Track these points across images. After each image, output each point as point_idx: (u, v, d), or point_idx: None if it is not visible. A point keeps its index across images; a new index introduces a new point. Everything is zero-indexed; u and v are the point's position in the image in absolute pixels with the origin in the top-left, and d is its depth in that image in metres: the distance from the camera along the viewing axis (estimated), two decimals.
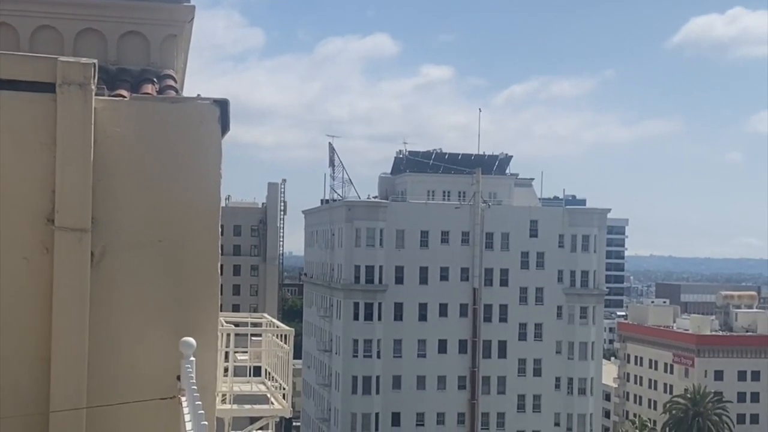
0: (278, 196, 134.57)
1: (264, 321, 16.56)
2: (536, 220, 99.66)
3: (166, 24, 12.15)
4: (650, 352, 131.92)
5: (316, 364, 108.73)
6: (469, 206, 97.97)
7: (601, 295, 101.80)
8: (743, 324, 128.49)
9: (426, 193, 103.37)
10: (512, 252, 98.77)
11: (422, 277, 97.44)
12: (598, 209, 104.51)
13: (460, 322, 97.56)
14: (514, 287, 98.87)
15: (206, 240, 9.38)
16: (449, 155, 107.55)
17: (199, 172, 9.32)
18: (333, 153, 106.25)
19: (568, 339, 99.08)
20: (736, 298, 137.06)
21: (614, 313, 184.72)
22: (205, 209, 9.33)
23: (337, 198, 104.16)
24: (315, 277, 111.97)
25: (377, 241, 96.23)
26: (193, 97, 9.63)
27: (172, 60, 12.22)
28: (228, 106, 9.41)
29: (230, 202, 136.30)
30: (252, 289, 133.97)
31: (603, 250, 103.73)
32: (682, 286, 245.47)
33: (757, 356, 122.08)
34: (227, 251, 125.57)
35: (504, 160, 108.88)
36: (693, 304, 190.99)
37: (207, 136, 9.34)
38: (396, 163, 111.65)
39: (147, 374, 9.18)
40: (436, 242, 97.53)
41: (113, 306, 9.14)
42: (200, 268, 9.36)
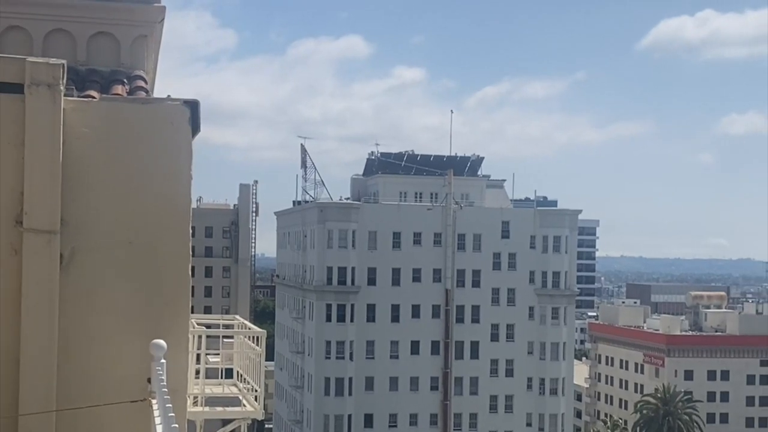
0: (250, 198, 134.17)
1: (236, 323, 16.51)
2: (508, 221, 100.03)
3: (137, 25, 12.10)
4: (621, 352, 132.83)
5: (288, 366, 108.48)
6: (441, 207, 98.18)
7: (572, 295, 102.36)
8: (713, 324, 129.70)
9: (398, 194, 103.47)
10: (484, 253, 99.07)
11: (395, 279, 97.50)
12: (569, 210, 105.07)
13: (433, 323, 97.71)
14: (486, 288, 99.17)
15: (177, 241, 9.35)
16: (421, 157, 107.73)
17: (169, 173, 9.29)
18: (305, 154, 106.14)
19: (539, 339, 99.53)
20: (706, 299, 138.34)
21: (585, 313, 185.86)
22: (175, 210, 9.31)
23: (309, 199, 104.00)
24: (287, 279, 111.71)
25: (349, 243, 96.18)
26: (164, 98, 9.60)
27: (143, 61, 12.17)
28: (198, 107, 9.39)
29: (202, 204, 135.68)
30: (224, 291, 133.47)
31: (574, 250, 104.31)
32: (652, 286, 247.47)
33: (727, 356, 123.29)
34: (199, 253, 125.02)
35: (476, 161, 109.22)
36: (663, 305, 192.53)
37: (177, 137, 9.32)
38: (368, 165, 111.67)
39: (117, 377, 9.13)
40: (408, 244, 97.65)
41: (83, 308, 9.08)
42: (171, 269, 9.33)
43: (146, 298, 9.27)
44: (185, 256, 9.42)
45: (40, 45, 11.86)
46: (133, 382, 9.04)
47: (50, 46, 11.83)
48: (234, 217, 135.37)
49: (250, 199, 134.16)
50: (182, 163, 9.35)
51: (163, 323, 9.25)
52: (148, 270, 9.24)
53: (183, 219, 9.36)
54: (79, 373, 9.05)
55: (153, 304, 9.28)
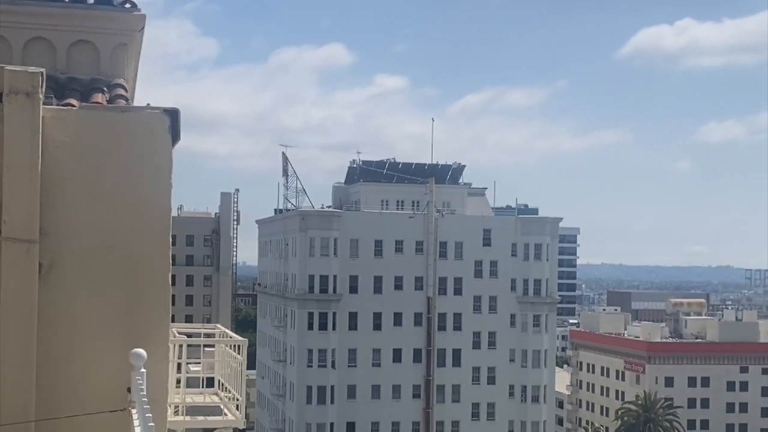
0: (231, 206, 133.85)
1: (217, 331, 16.46)
2: (489, 229, 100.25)
3: (117, 33, 12.06)
4: (602, 359, 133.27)
5: (270, 375, 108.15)
6: (423, 215, 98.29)
7: (553, 303, 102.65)
8: (693, 331, 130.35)
9: (380, 202, 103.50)
10: (466, 261, 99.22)
11: (376, 287, 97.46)
12: (550, 218, 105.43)
13: (415, 331, 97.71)
14: (467, 296, 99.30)
15: (157, 250, 9.32)
16: (403, 165, 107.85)
17: (149, 181, 9.27)
18: (286, 162, 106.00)
19: (521, 347, 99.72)
20: (686, 306, 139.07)
21: (566, 321, 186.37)
22: (155, 219, 9.28)
23: (291, 207, 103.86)
24: (269, 287, 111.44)
25: (331, 251, 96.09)
26: (143, 107, 9.58)
27: (123, 69, 12.14)
28: (178, 116, 9.38)
29: (182, 212, 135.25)
30: (205, 300, 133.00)
31: (555, 258, 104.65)
32: (632, 293, 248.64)
33: (707, 362, 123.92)
34: (180, 261, 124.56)
35: (457, 169, 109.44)
36: (643, 312, 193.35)
37: (157, 145, 9.30)
38: (350, 173, 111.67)
39: (97, 386, 9.08)
40: (390, 251, 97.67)
41: (62, 317, 9.04)
42: (151, 278, 9.30)
43: (126, 307, 9.23)
44: (165, 265, 9.39)
45: (20, 53, 11.80)
46: (113, 392, 9.00)
47: (29, 54, 11.77)
48: (215, 225, 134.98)
49: (231, 208, 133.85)
50: (162, 172, 9.33)
51: (143, 332, 9.22)
52: (128, 279, 9.21)
53: (163, 227, 9.34)
54: (58, 383, 9.00)
55: (133, 313, 9.25)
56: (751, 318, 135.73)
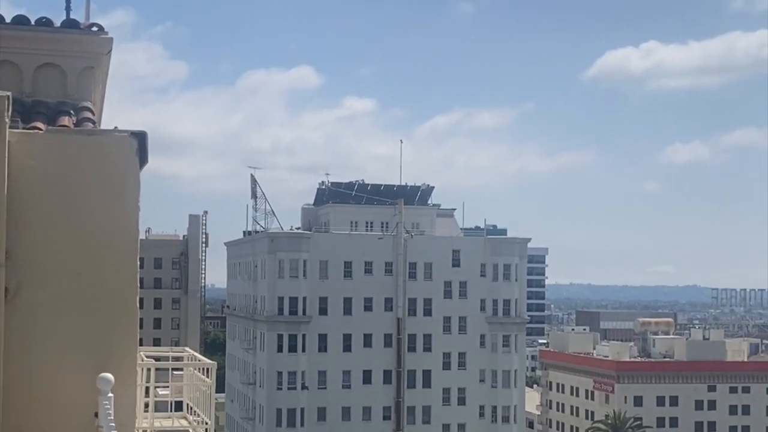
0: (200, 228, 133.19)
1: (185, 354, 16.36)
2: (458, 249, 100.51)
3: (84, 56, 12.05)
4: (571, 378, 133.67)
5: (239, 398, 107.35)
6: (392, 236, 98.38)
7: (522, 323, 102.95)
8: (661, 350, 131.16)
9: (349, 223, 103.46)
10: (435, 282, 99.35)
11: (346, 308, 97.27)
12: (518, 239, 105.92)
13: (385, 352, 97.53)
14: (437, 317, 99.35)
15: (125, 273, 9.30)
16: (372, 186, 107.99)
17: (117, 204, 9.25)
18: (255, 184, 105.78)
19: (491, 367, 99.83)
20: (654, 325, 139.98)
21: (536, 341, 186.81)
22: (123, 242, 9.26)
23: (260, 229, 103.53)
24: (238, 310, 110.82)
25: (300, 272, 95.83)
26: (111, 130, 9.58)
27: (90, 92, 12.12)
28: (146, 138, 9.38)
29: (150, 235, 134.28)
30: (173, 323, 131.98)
31: (524, 278, 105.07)
32: (601, 313, 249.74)
33: (675, 381, 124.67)
34: (147, 284, 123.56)
35: (426, 190, 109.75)
36: (612, 331, 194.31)
37: (125, 168, 9.29)
38: (319, 194, 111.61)
39: (64, 411, 9.01)
40: (359, 273, 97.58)
41: (29, 341, 8.97)
42: (118, 301, 9.27)
43: (94, 331, 9.18)
44: (133, 288, 9.36)
45: None
46: (81, 417, 8.93)
47: None
48: (183, 248, 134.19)
49: (199, 230, 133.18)
50: (130, 195, 9.31)
51: (110, 356, 9.17)
52: (95, 302, 9.17)
53: (131, 251, 9.32)
54: (25, 407, 8.92)
55: (100, 337, 9.20)
56: (718, 337, 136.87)
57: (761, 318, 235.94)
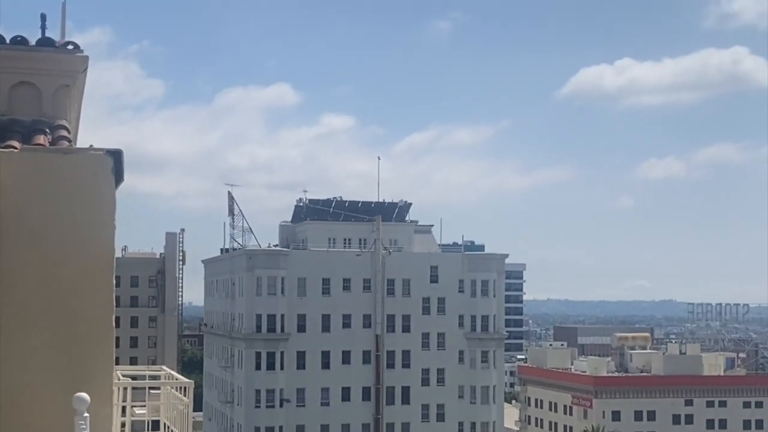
0: (177, 246, 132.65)
1: (162, 373, 16.29)
2: (436, 266, 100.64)
3: (59, 74, 12.02)
4: (550, 394, 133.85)
5: (217, 416, 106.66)
6: (370, 253, 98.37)
7: (501, 339, 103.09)
8: (638, 365, 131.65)
9: (327, 240, 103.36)
10: (413, 298, 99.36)
11: (324, 325, 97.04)
12: (496, 255, 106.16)
13: (364, 369, 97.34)
14: (416, 333, 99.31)
15: (100, 292, 9.26)
16: (349, 203, 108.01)
17: (92, 223, 9.22)
18: (232, 202, 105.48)
19: (470, 383, 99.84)
20: (631, 340, 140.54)
21: (514, 356, 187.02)
22: (98, 261, 9.22)
23: (238, 247, 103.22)
24: (215, 327, 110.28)
25: (278, 290, 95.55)
26: (86, 148, 9.56)
27: (66, 110, 12.08)
28: (122, 157, 9.37)
29: (127, 253, 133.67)
30: (150, 341, 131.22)
31: (502, 294, 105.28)
32: (578, 328, 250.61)
33: (652, 396, 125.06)
34: (124, 303, 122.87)
35: (404, 207, 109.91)
36: (589, 346, 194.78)
37: (100, 186, 9.27)
38: (296, 212, 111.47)
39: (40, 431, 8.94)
40: (337, 290, 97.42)
41: (4, 361, 8.90)
42: (94, 320, 9.22)
43: (69, 350, 9.13)
44: (109, 307, 9.32)
45: None
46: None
47: None
48: (160, 266, 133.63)
49: (176, 248, 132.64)
50: (105, 213, 9.29)
51: (86, 376, 9.12)
52: (70, 322, 9.12)
53: (106, 269, 9.28)
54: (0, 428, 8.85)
55: (76, 357, 9.14)
56: (695, 351, 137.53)
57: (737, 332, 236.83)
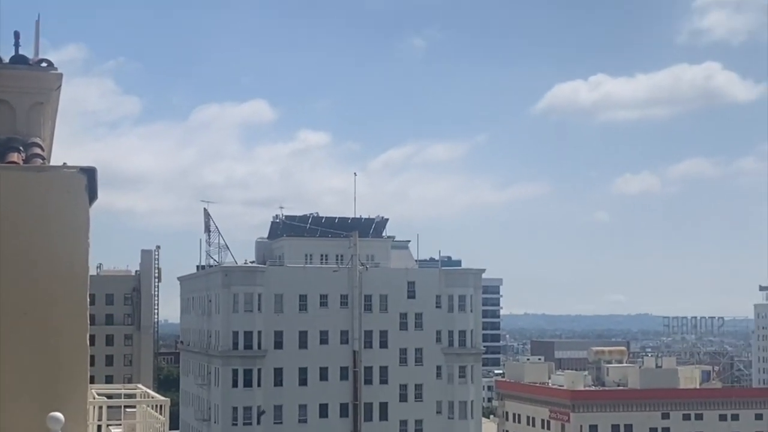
0: (152, 263, 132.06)
1: (138, 392, 16.20)
2: (413, 281, 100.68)
3: (33, 92, 11.98)
4: (527, 408, 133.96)
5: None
6: (347, 269, 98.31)
7: (478, 353, 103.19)
8: (614, 378, 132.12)
9: (304, 256, 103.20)
10: (391, 313, 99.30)
11: (302, 341, 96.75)
12: (473, 270, 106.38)
13: (341, 385, 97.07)
14: (393, 349, 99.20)
15: (74, 310, 9.21)
16: (326, 219, 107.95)
17: (66, 241, 9.18)
18: (208, 218, 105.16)
19: (447, 399, 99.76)
20: (607, 354, 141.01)
21: (492, 371, 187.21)
22: (72, 279, 9.18)
23: (214, 264, 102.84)
24: (192, 345, 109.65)
25: (255, 306, 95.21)
26: (60, 166, 9.53)
27: (39, 128, 12.04)
28: (95, 174, 9.34)
29: (102, 270, 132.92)
30: (126, 359, 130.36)
31: (479, 309, 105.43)
32: (555, 343, 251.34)
33: (629, 410, 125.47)
34: (99, 321, 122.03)
35: (380, 223, 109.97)
36: (566, 360, 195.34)
37: (74, 204, 9.24)
38: (273, 228, 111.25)
39: None
40: (315, 306, 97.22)
41: None
42: (68, 339, 9.17)
43: (43, 369, 9.07)
44: (83, 326, 9.27)
45: None
46: None
47: None
48: (136, 283, 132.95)
49: (152, 265, 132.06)
50: (79, 231, 9.26)
51: (60, 395, 9.06)
52: (44, 341, 9.06)
53: (80, 287, 9.24)
54: None
55: (50, 376, 9.08)
56: (671, 365, 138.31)
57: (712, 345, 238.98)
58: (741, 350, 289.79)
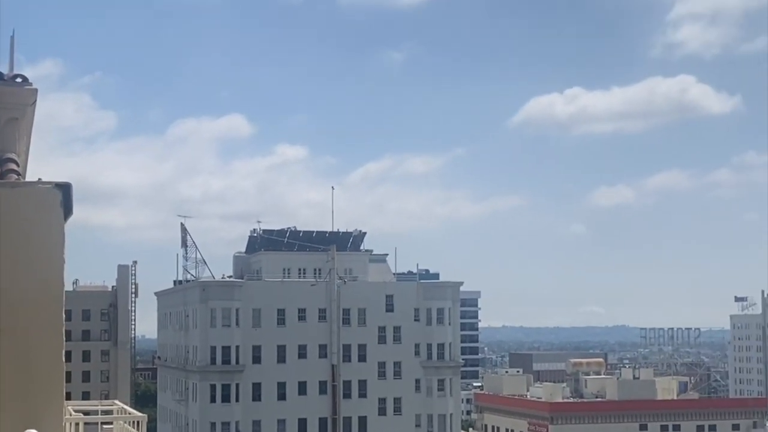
0: (129, 279, 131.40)
1: (115, 408, 16.13)
2: (392, 294, 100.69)
3: (8, 107, 11.94)
4: (506, 421, 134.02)
5: None
6: (325, 283, 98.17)
7: (457, 366, 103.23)
8: (592, 390, 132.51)
9: (282, 271, 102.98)
10: (369, 327, 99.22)
11: (280, 356, 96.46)
12: (451, 282, 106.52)
13: (320, 399, 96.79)
14: (372, 362, 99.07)
15: (49, 326, 9.16)
16: (304, 233, 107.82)
17: (41, 257, 9.14)
18: (185, 233, 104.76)
19: (426, 412, 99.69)
20: (585, 366, 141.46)
21: (471, 384, 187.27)
22: (47, 295, 9.14)
23: (191, 278, 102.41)
24: (169, 360, 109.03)
25: (233, 321, 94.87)
26: (35, 182, 9.50)
27: (14, 143, 11.99)
28: (71, 190, 9.32)
29: (78, 286, 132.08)
30: (103, 375, 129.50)
31: (457, 322, 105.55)
32: (533, 355, 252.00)
33: (607, 421, 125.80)
34: (75, 337, 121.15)
35: (358, 236, 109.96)
36: (545, 373, 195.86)
37: (49, 220, 9.20)
38: (251, 242, 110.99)
39: None
40: (293, 320, 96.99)
41: None
42: (43, 356, 9.12)
43: (18, 386, 9.01)
44: (58, 342, 9.23)
45: None
46: None
47: None
48: (112, 299, 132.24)
49: (129, 280, 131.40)
50: (54, 247, 9.22)
51: (35, 412, 9.00)
52: (19, 357, 9.01)
53: (56, 304, 9.20)
54: None
55: (25, 393, 9.03)
56: (648, 376, 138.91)
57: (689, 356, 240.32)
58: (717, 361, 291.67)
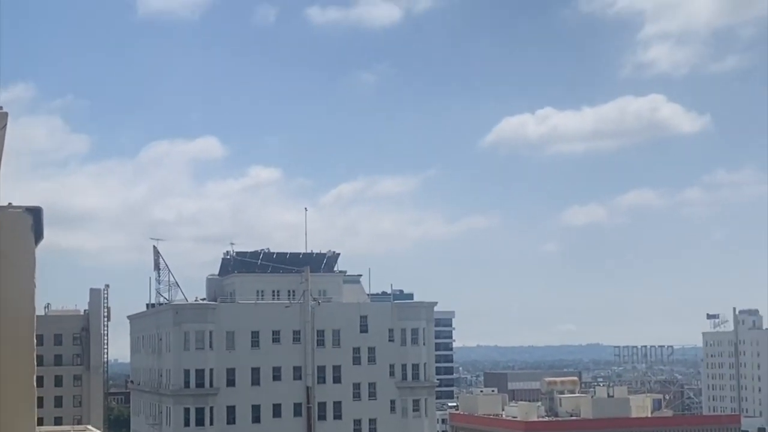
0: (101, 302, 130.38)
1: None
2: (366, 315, 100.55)
3: None
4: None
5: None
6: (299, 305, 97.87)
7: (432, 386, 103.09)
8: (567, 409, 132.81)
9: (255, 293, 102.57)
10: (344, 348, 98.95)
11: (254, 378, 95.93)
12: (425, 303, 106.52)
13: (295, 421, 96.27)
14: (347, 383, 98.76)
15: (20, 352, 9.12)
16: (277, 255, 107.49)
17: (10, 281, 9.10)
18: (158, 256, 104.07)
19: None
20: (559, 384, 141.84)
21: (446, 404, 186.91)
22: (17, 320, 9.09)
23: (164, 302, 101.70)
24: (142, 384, 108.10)
25: (207, 344, 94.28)
26: (4, 206, 9.47)
27: None
28: (41, 214, 9.30)
29: (50, 310, 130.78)
30: (75, 400, 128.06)
31: (432, 342, 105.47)
32: (508, 374, 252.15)
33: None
34: (47, 361, 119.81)
35: (332, 257, 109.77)
36: (520, 392, 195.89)
37: (20, 244, 9.18)
38: (224, 264, 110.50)
39: None
40: (267, 342, 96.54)
41: None
42: (14, 381, 9.06)
43: None
44: (29, 367, 9.18)
45: None
46: None
47: None
48: (84, 322, 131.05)
49: (101, 304, 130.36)
50: (25, 271, 9.19)
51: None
52: None
53: (26, 328, 9.16)
54: None
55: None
56: (622, 394, 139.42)
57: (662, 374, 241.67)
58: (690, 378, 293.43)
